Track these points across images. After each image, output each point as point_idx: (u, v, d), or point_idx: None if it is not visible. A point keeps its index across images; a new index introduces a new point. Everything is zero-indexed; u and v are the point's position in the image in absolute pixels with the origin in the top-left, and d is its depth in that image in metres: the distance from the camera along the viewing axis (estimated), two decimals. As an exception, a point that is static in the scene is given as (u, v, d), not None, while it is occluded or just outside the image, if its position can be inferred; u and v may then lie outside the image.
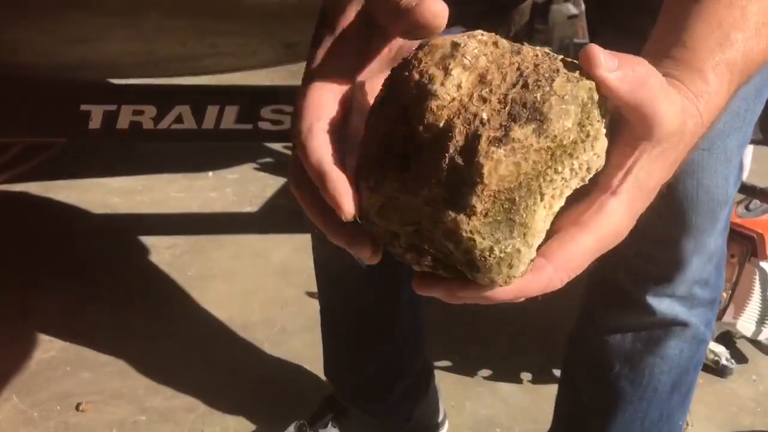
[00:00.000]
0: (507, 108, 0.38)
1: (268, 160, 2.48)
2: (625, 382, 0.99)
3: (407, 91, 0.40)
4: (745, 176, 1.67)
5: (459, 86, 0.39)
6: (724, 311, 1.60)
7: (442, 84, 0.39)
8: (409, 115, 0.39)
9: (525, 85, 0.38)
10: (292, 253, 2.01)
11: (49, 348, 1.60)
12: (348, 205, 0.39)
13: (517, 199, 0.37)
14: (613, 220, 0.42)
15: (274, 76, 2.33)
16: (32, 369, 1.54)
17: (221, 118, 1.53)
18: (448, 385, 1.51)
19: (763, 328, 1.59)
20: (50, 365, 1.56)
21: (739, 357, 1.65)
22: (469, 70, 0.39)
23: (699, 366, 1.02)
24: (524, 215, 0.38)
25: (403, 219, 0.40)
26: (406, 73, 0.40)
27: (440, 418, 1.39)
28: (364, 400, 1.30)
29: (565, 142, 0.38)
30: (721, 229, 0.89)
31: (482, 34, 0.40)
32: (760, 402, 1.54)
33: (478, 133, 0.37)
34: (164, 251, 1.99)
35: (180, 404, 1.47)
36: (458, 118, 0.38)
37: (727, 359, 1.61)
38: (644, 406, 0.99)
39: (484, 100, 0.38)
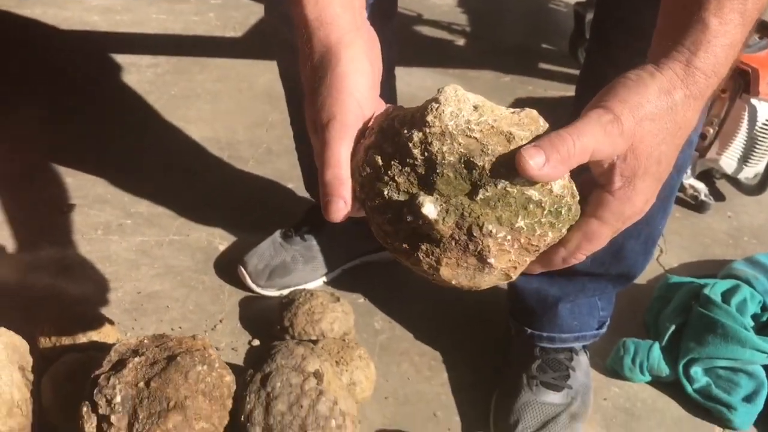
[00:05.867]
0: None
1: (253, -14, 2.39)
2: None
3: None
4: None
5: None
6: (708, 147, 1.61)
7: None
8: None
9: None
10: (277, 80, 1.98)
11: (32, 152, 1.58)
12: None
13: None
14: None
15: None
16: (17, 171, 1.53)
17: None
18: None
19: (744, 166, 1.60)
20: (36, 168, 1.54)
21: (717, 195, 1.68)
22: None
23: (683, 171, 1.03)
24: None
25: None
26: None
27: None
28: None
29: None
30: None
31: None
32: (732, 235, 1.58)
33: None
34: (146, 69, 1.94)
35: (164, 212, 1.47)
36: None
37: (706, 195, 1.64)
38: None
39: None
